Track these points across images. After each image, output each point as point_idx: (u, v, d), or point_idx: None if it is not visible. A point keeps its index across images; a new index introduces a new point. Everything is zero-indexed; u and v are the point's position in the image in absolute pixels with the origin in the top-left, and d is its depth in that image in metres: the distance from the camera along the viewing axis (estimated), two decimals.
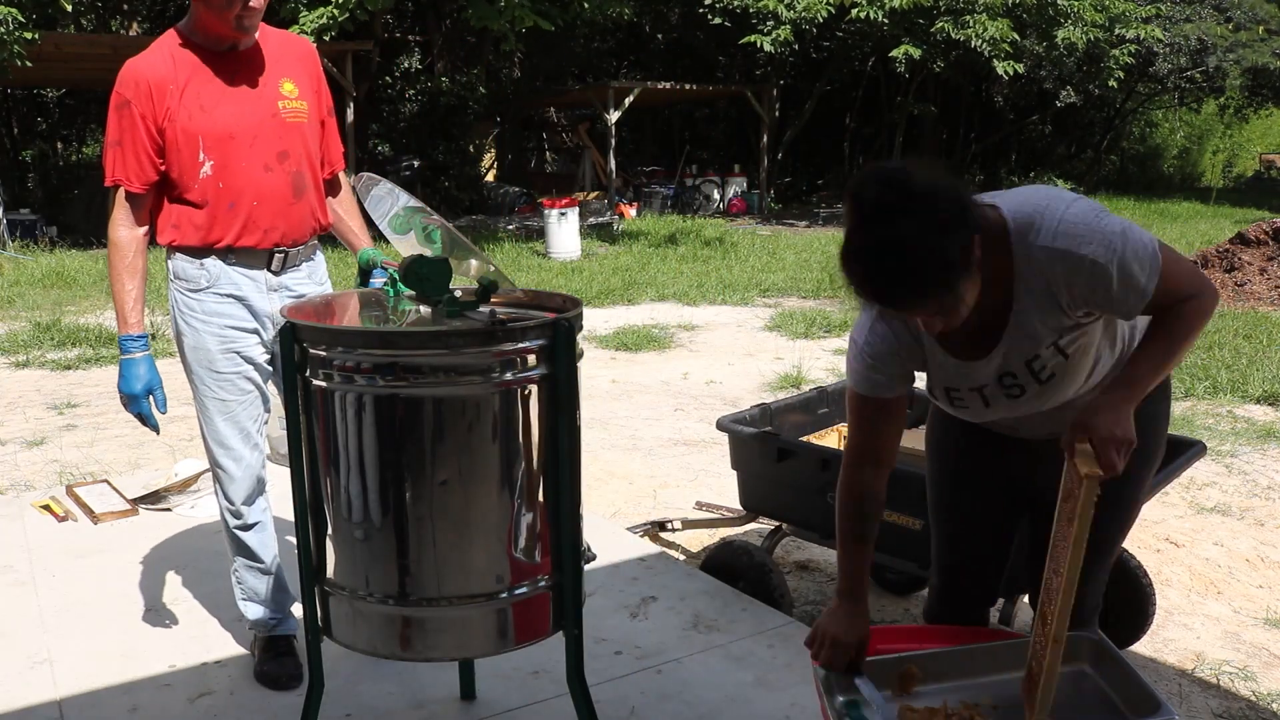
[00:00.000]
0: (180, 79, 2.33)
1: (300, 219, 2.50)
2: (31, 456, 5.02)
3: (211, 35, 2.35)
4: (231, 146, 2.37)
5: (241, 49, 2.40)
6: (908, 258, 1.55)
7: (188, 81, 2.33)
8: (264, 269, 2.49)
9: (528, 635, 2.02)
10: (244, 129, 2.38)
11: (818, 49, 20.61)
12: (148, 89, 2.31)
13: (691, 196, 21.42)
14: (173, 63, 2.34)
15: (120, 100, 2.33)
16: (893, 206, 1.55)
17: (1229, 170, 33.22)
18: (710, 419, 5.26)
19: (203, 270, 2.45)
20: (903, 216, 1.54)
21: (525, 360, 1.89)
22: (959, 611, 2.23)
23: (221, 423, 2.55)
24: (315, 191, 2.53)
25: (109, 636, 2.92)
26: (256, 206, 2.41)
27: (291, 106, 2.45)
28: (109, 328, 8.18)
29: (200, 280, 2.46)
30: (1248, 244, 10.04)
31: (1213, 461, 4.76)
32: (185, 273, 2.47)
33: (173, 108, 2.32)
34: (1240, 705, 2.77)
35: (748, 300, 9.91)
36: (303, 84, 2.48)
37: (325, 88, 2.60)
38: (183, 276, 2.47)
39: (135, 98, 2.31)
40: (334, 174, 2.66)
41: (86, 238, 14.84)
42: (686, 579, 3.25)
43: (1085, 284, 1.68)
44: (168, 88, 2.31)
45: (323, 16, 13.90)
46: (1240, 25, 23.32)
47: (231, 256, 2.45)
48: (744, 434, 3.15)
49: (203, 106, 2.34)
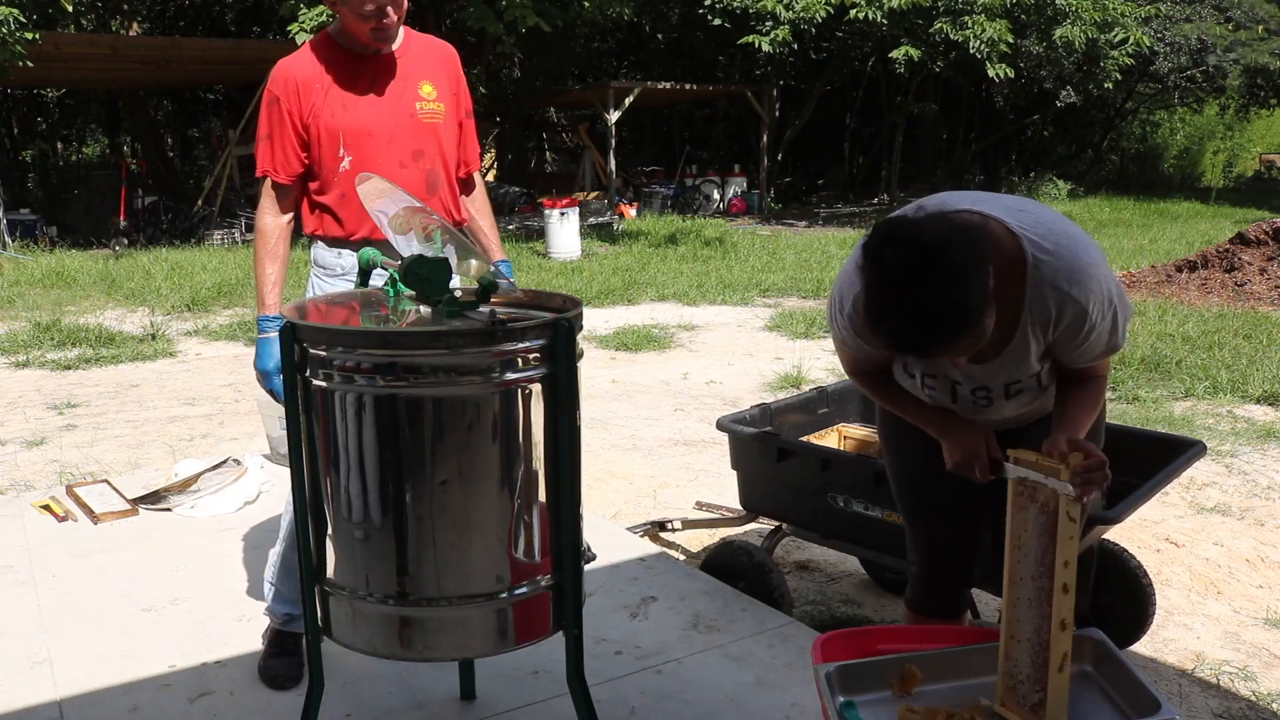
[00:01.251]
0: (325, 79, 2.49)
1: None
2: (31, 456, 5.02)
3: (356, 40, 2.49)
4: (369, 143, 2.50)
5: (384, 53, 2.54)
6: (938, 316, 1.60)
7: (332, 81, 2.49)
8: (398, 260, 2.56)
9: (528, 635, 2.01)
10: (381, 127, 2.51)
11: (817, 49, 20.63)
12: (295, 87, 2.47)
13: (691, 196, 21.43)
14: (319, 63, 2.50)
15: (271, 97, 2.50)
16: (915, 268, 1.59)
17: (1229, 170, 33.23)
18: (710, 419, 5.26)
19: (340, 259, 2.58)
20: (928, 276, 1.58)
21: (525, 360, 1.89)
22: (944, 596, 2.29)
23: None
24: (449, 189, 2.64)
25: (109, 636, 2.92)
26: None
27: (429, 108, 2.57)
28: (109, 328, 8.19)
29: (337, 268, 2.59)
30: (1248, 244, 10.05)
31: (1213, 461, 4.76)
32: (324, 260, 2.60)
33: (317, 105, 2.48)
34: (1240, 705, 2.77)
35: (748, 300, 9.91)
36: (442, 86, 2.61)
37: (465, 90, 2.71)
38: (322, 264, 2.61)
39: (284, 94, 2.48)
40: (469, 174, 2.76)
41: (86, 238, 14.84)
42: (686, 579, 3.25)
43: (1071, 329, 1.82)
44: (314, 86, 2.48)
45: (322, 14, 13.89)
46: (1240, 25, 23.33)
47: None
48: (744, 434, 3.15)
49: (344, 105, 2.49)
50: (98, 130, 26.74)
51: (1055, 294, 1.77)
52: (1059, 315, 1.79)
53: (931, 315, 1.60)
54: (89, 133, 27.20)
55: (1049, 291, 1.77)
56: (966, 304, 1.60)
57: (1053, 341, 1.86)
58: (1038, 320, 1.81)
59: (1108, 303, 1.80)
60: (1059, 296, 1.77)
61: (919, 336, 1.63)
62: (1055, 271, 1.76)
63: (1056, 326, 1.82)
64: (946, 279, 1.58)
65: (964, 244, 1.62)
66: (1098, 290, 1.79)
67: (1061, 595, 1.74)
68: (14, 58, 12.51)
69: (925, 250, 1.59)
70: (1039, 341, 1.86)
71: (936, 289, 1.58)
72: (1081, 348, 1.86)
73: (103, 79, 18.75)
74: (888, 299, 1.62)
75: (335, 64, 2.50)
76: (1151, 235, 15.41)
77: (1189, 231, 15.74)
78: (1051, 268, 1.76)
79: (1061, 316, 1.80)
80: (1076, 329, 1.81)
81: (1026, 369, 1.91)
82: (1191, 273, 9.99)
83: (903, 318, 1.62)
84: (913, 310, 1.60)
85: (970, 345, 1.69)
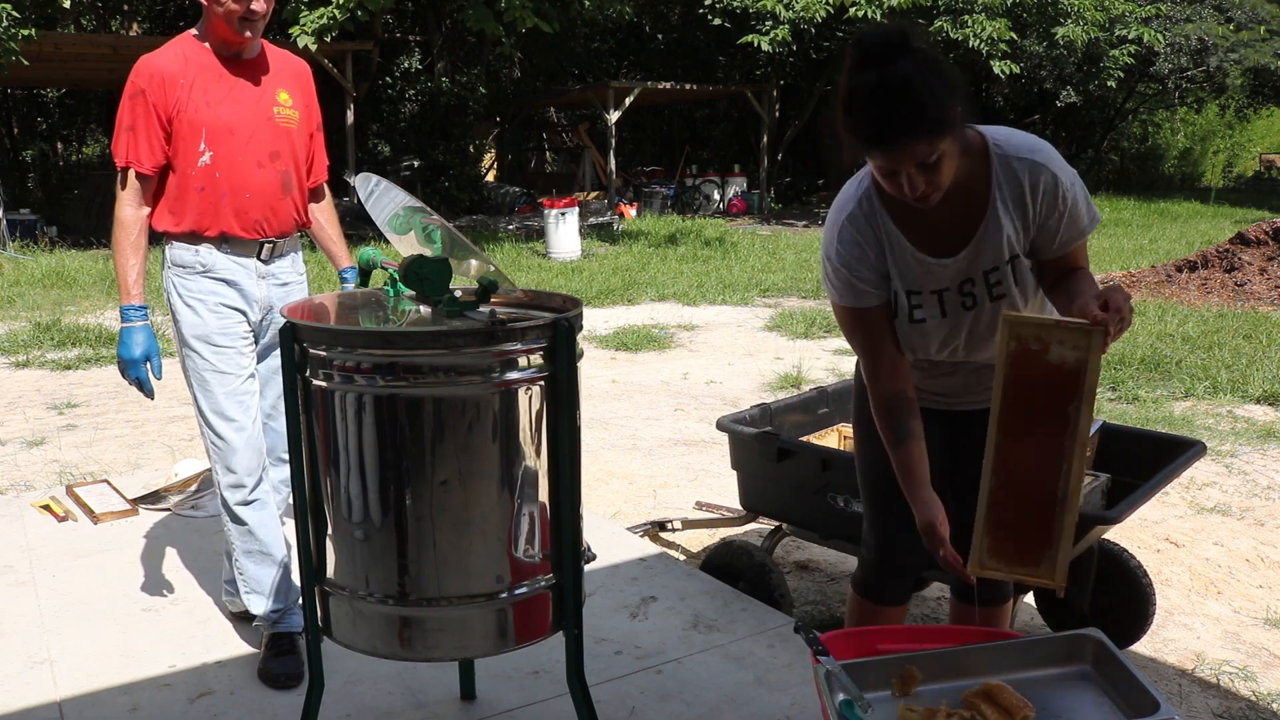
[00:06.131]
0: (190, 75, 2.55)
1: (287, 213, 2.72)
2: (31, 456, 5.03)
3: (220, 38, 2.57)
4: (230, 140, 2.58)
5: (246, 57, 2.63)
6: (907, 92, 1.70)
7: (195, 78, 2.56)
8: (254, 257, 2.68)
9: (528, 635, 2.01)
10: (242, 126, 2.60)
11: (817, 49, 20.61)
12: (160, 81, 2.52)
13: (691, 196, 21.43)
14: (184, 60, 2.57)
15: (135, 89, 2.54)
16: (893, 48, 1.72)
17: (1229, 170, 33.23)
18: (710, 419, 5.26)
19: (198, 257, 2.62)
20: (902, 57, 1.72)
21: (525, 360, 1.89)
22: (893, 583, 2.32)
23: (221, 394, 2.64)
24: (300, 191, 2.76)
25: (109, 636, 2.92)
26: (249, 199, 2.62)
27: (285, 113, 2.69)
28: (109, 328, 8.18)
29: (196, 265, 2.63)
30: (1248, 244, 10.05)
31: (1213, 461, 4.76)
32: (182, 259, 2.64)
33: (181, 99, 2.53)
34: (1240, 705, 2.77)
35: (748, 300, 9.91)
36: (296, 97, 2.73)
37: (316, 105, 2.83)
38: (180, 263, 2.64)
39: (149, 87, 2.52)
40: (318, 184, 2.90)
41: (86, 238, 14.83)
42: (686, 579, 3.25)
43: (1049, 198, 1.90)
44: (178, 81, 2.54)
45: (323, 17, 13.90)
46: (1241, 25, 23.33)
47: (225, 245, 2.63)
48: (744, 434, 3.15)
49: (208, 102, 2.56)
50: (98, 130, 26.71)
51: (1021, 165, 1.89)
52: (1033, 186, 1.89)
53: (903, 90, 1.70)
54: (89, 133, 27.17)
55: (1015, 165, 1.89)
56: (938, 93, 1.71)
57: (1035, 222, 1.92)
58: (1010, 197, 1.90)
59: (1070, 172, 1.92)
60: (1028, 167, 1.89)
61: (885, 115, 1.72)
62: (1016, 148, 1.90)
63: (1035, 200, 1.89)
64: (922, 65, 1.72)
65: (937, 54, 1.77)
66: (1058, 159, 1.91)
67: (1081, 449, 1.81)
68: (6, 54, 12.46)
69: (902, 37, 1.74)
70: (1013, 221, 1.92)
71: (911, 70, 1.71)
72: (1065, 221, 1.91)
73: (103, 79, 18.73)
74: (863, 75, 1.74)
75: (200, 63, 2.57)
76: (1151, 235, 15.42)
77: (1189, 231, 15.75)
78: (1011, 145, 1.91)
79: (1036, 187, 1.89)
80: (1053, 196, 1.89)
81: (1003, 253, 1.95)
82: (1191, 273, 9.99)
83: (871, 93, 1.72)
84: (880, 85, 1.71)
85: (928, 149, 1.74)
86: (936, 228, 1.95)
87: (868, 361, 2.10)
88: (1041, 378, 1.81)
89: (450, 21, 20.40)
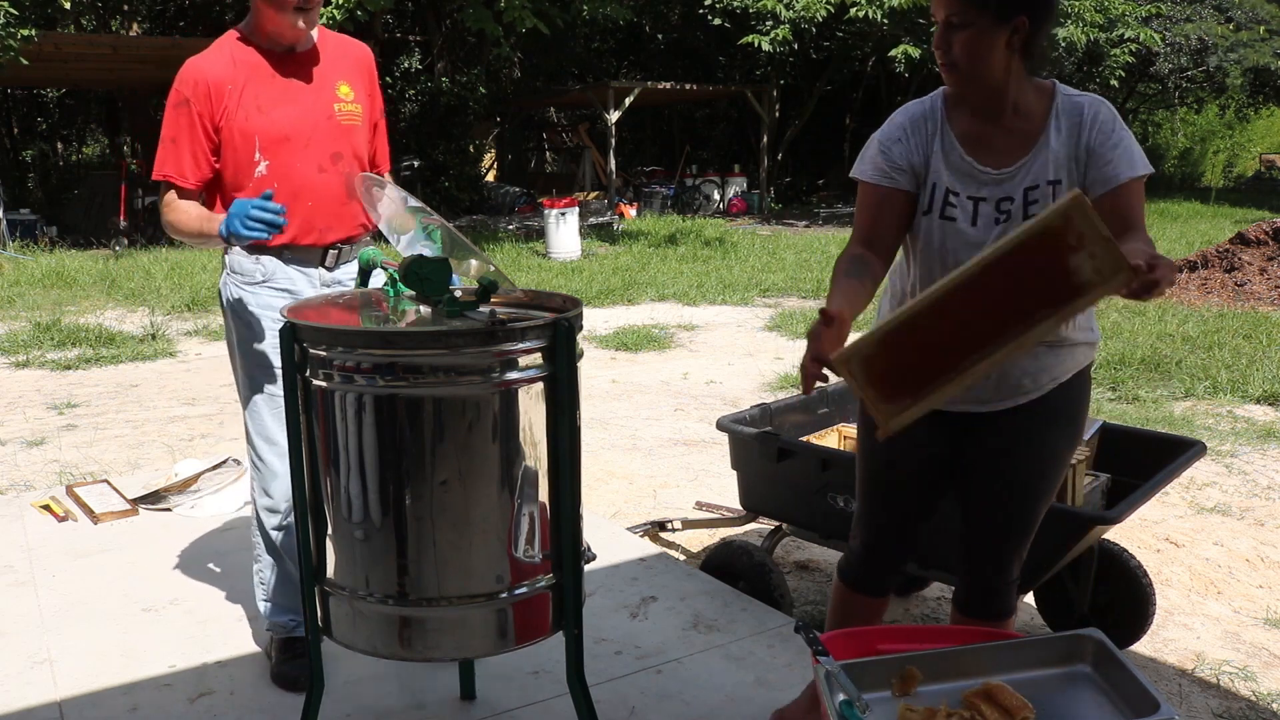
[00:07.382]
0: (239, 79, 2.36)
1: (352, 218, 2.54)
2: (31, 456, 5.02)
3: (270, 35, 2.38)
4: (287, 148, 2.41)
5: (299, 50, 2.43)
6: None
7: (246, 82, 2.37)
8: (318, 266, 2.54)
9: (528, 635, 2.01)
10: (299, 131, 2.42)
11: (817, 49, 20.60)
12: (206, 88, 2.34)
13: (691, 196, 21.42)
14: (232, 63, 2.37)
15: (179, 98, 2.36)
16: None
17: (1229, 170, 33.22)
18: (710, 419, 5.26)
19: (259, 265, 2.48)
20: None
21: (525, 360, 1.89)
22: (877, 575, 2.32)
23: (269, 417, 2.53)
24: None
25: (109, 636, 2.92)
26: (312, 207, 2.45)
27: (347, 109, 2.49)
28: (109, 328, 8.19)
29: (256, 274, 2.49)
30: (1248, 244, 10.05)
31: (1213, 461, 4.76)
32: (241, 267, 2.49)
33: (230, 107, 2.35)
34: (1240, 705, 2.77)
35: (748, 300, 9.91)
36: (358, 87, 2.53)
37: (379, 93, 2.63)
38: (239, 271, 2.50)
39: (194, 96, 2.35)
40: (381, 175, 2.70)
41: (86, 238, 14.83)
42: (686, 579, 3.25)
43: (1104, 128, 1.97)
44: (226, 87, 2.35)
45: (322, 17, 13.81)
46: (1241, 25, 23.33)
47: (287, 253, 2.49)
48: (744, 434, 3.15)
49: (260, 107, 2.38)
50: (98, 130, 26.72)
51: (1084, 99, 2.00)
52: (1092, 116, 1.98)
53: None
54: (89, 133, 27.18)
55: (1079, 99, 2.00)
56: None
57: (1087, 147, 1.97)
58: (1065, 125, 1.98)
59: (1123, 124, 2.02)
60: (1089, 101, 2.00)
61: None
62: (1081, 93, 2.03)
63: (1091, 127, 1.97)
64: None
65: None
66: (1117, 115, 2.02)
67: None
68: (6, 53, 12.44)
69: None
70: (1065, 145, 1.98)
71: None
72: (1117, 151, 1.96)
73: (103, 79, 18.74)
74: None
75: (249, 63, 2.37)
76: (1152, 235, 15.35)
77: (1189, 231, 15.74)
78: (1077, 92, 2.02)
79: (1095, 117, 1.97)
80: (1109, 127, 1.97)
81: (1047, 171, 1.99)
82: (1191, 273, 9.98)
83: None
84: None
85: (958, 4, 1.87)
86: (992, 144, 2.01)
87: (858, 235, 2.10)
88: (1048, 267, 1.71)
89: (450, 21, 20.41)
